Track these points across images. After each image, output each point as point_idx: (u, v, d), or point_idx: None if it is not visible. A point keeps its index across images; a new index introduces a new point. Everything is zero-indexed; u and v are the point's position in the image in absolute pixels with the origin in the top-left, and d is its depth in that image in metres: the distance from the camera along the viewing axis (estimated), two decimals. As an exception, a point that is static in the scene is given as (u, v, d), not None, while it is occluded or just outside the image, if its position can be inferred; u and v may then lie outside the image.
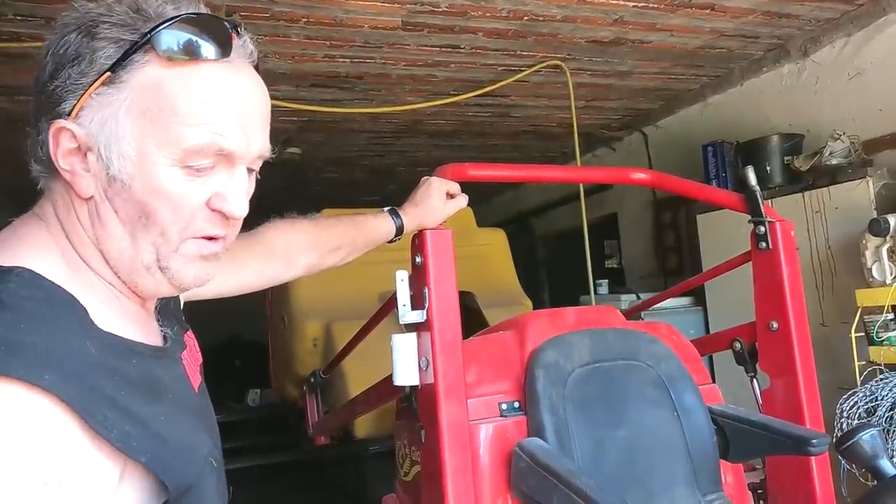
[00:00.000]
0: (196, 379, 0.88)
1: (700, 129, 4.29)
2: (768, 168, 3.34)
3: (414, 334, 1.41)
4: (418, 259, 1.38)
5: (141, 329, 0.78)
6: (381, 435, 2.25)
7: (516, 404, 1.60)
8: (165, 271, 0.76)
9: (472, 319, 2.81)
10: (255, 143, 0.78)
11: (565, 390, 1.59)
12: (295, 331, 2.70)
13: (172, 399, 0.77)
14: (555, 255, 6.63)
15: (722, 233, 3.43)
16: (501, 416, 1.58)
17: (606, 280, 4.82)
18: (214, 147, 0.74)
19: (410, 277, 1.41)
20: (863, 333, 2.58)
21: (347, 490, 4.60)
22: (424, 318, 1.36)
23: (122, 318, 0.75)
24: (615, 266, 6.15)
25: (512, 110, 4.60)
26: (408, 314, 1.37)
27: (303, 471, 5.41)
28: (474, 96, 3.87)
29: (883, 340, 2.51)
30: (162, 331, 0.85)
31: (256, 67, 0.80)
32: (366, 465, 3.33)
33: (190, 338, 0.94)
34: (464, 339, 1.87)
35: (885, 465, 0.86)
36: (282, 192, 6.23)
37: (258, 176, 0.84)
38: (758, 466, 1.94)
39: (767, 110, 3.85)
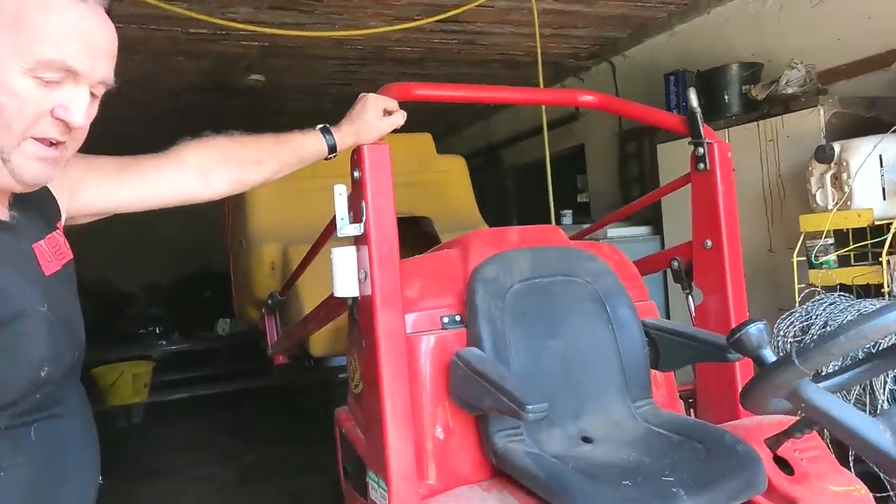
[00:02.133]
0: (52, 267, 1.00)
1: (666, 58, 4.28)
2: (726, 97, 3.37)
3: (353, 248, 1.45)
4: (356, 174, 1.41)
5: None
6: (335, 353, 2.33)
7: (457, 318, 1.66)
8: (7, 164, 0.89)
9: (430, 245, 2.86)
10: (100, 69, 0.92)
11: (504, 304, 1.65)
12: (253, 255, 2.73)
13: (5, 260, 0.91)
14: (524, 187, 6.66)
15: (680, 161, 3.47)
16: (443, 328, 1.64)
17: (570, 210, 4.89)
18: (63, 64, 0.88)
19: (349, 192, 1.44)
20: (804, 258, 2.68)
21: (316, 414, 4.75)
22: (362, 231, 1.39)
23: None
24: (587, 200, 6.20)
25: (479, 38, 4.53)
26: (346, 227, 1.40)
27: (273, 397, 5.56)
28: (438, 21, 3.80)
29: (821, 264, 2.62)
30: (10, 213, 0.97)
31: (108, 11, 0.95)
32: (334, 392, 3.44)
33: (57, 236, 1.05)
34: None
35: (767, 354, 0.93)
36: (246, 121, 6.15)
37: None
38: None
39: (732, 39, 3.85)
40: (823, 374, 1.10)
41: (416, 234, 2.58)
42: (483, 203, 4.05)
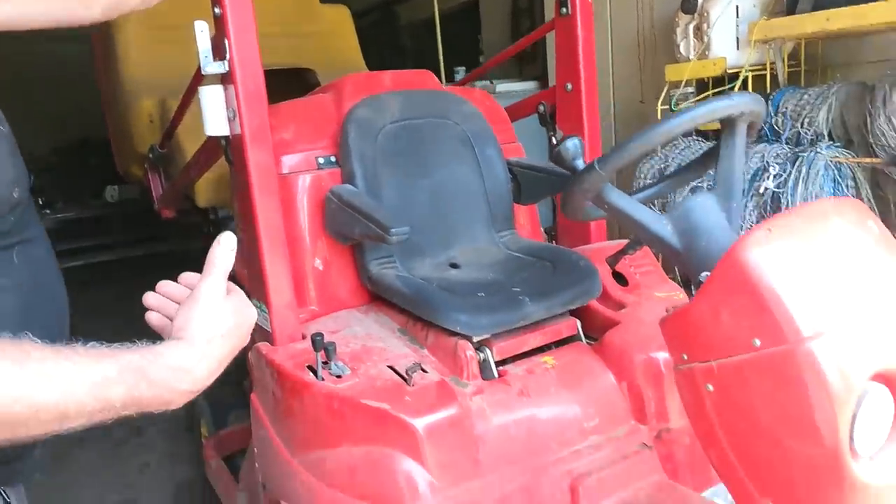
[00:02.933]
0: None
1: None
2: (608, -54, 3.40)
3: (220, 86, 1.47)
4: (217, 10, 1.41)
5: None
6: (220, 202, 2.37)
7: (332, 158, 1.75)
8: None
9: (314, 96, 2.85)
10: None
11: (376, 144, 1.75)
12: (130, 109, 2.64)
13: None
14: (420, 43, 6.53)
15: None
16: (319, 168, 1.73)
17: (464, 67, 4.91)
18: None
19: (211, 29, 1.44)
20: (667, 106, 2.88)
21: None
22: (227, 69, 1.42)
23: None
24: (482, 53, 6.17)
25: None
26: (210, 65, 1.42)
27: (175, 260, 5.54)
28: None
29: (682, 111, 2.83)
30: None
31: None
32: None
33: None
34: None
35: (580, 163, 1.09)
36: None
37: None
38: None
39: None
40: (636, 189, 1.29)
41: (300, 87, 2.57)
42: (380, 63, 3.99)
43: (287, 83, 2.57)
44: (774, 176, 2.33)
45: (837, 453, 0.82)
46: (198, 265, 0.83)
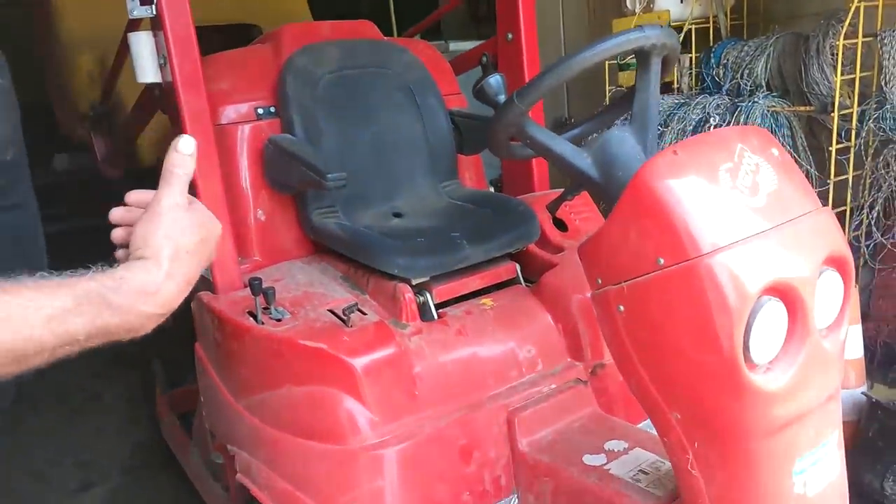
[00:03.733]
0: None
1: None
2: None
3: (150, 32, 1.45)
4: (143, -48, 1.38)
5: None
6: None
7: (272, 109, 1.74)
8: None
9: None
10: None
11: (315, 93, 1.74)
12: (67, 66, 2.57)
13: None
14: (376, 6, 6.43)
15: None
16: (258, 119, 1.72)
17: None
18: None
19: (138, -27, 1.41)
20: (615, 61, 2.91)
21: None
22: (154, 13, 1.40)
23: None
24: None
25: None
26: (136, 10, 1.40)
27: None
28: None
29: (627, 65, 2.88)
30: None
31: None
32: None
33: None
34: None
35: (502, 98, 1.12)
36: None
37: None
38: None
39: None
40: (567, 126, 1.32)
41: (245, 44, 2.53)
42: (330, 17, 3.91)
43: (232, 40, 2.53)
44: (714, 126, 2.39)
45: (735, 363, 0.87)
46: None
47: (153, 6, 1.38)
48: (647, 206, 0.89)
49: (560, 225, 1.83)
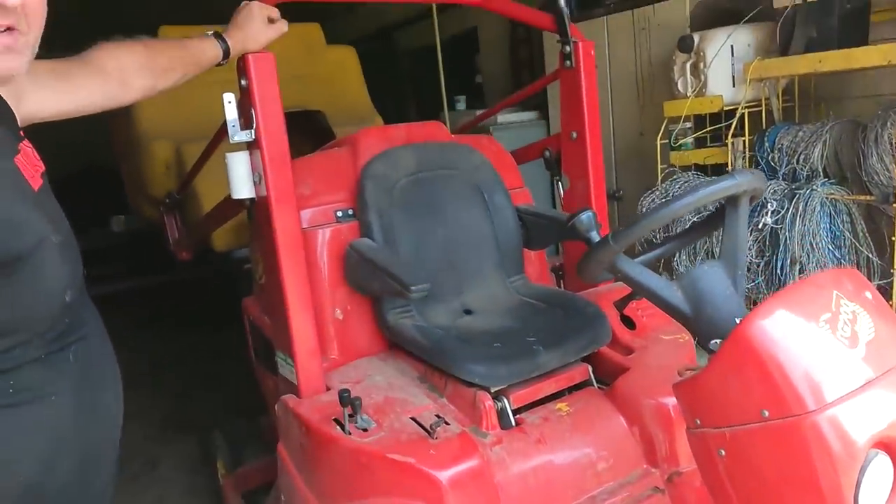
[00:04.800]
0: (36, 181, 1.01)
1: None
2: (606, -16, 3.51)
3: (246, 152, 1.55)
4: (243, 82, 1.48)
5: None
6: (237, 247, 2.44)
7: (350, 211, 1.83)
8: None
9: (323, 138, 2.93)
10: None
11: (392, 197, 1.82)
12: (145, 154, 2.71)
13: (3, 186, 0.91)
14: (420, 70, 6.64)
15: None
16: (337, 222, 1.81)
17: (464, 96, 5.01)
18: None
19: (238, 99, 1.52)
20: (667, 141, 2.97)
21: (222, 303, 4.86)
22: (253, 137, 1.49)
23: None
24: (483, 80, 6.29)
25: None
26: (237, 134, 1.49)
27: (179, 290, 5.60)
28: None
29: (680, 146, 2.93)
30: None
31: None
32: (238, 281, 3.53)
33: (27, 146, 1.04)
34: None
35: (594, 236, 1.16)
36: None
37: None
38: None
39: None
40: (645, 248, 1.36)
41: (310, 129, 2.65)
42: (378, 88, 4.08)
43: (296, 124, 2.65)
44: (772, 212, 2.41)
45: (844, 517, 0.89)
46: (204, 292, 0.86)
47: (252, 130, 1.48)
48: (750, 359, 0.93)
49: (627, 321, 1.86)
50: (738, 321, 1.03)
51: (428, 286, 1.52)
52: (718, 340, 1.04)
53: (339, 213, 1.81)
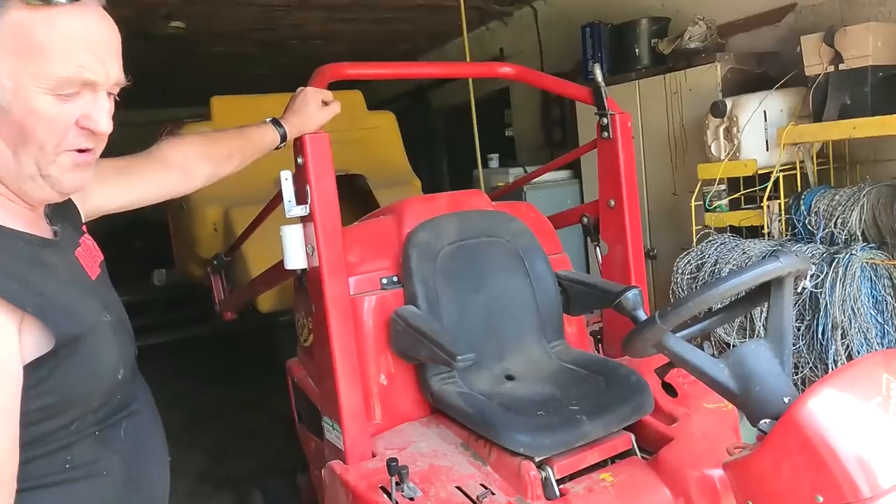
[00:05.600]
0: (94, 271, 1.09)
1: (584, 6, 4.45)
2: (637, 50, 3.60)
3: (300, 225, 1.62)
4: (300, 160, 1.57)
5: (30, 226, 0.98)
6: (282, 308, 2.51)
7: (395, 279, 1.88)
8: (47, 178, 0.95)
9: (364, 200, 3.03)
10: (112, 72, 0.96)
11: (435, 265, 1.88)
12: (195, 217, 2.83)
13: (63, 276, 0.98)
14: (453, 128, 6.80)
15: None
16: (382, 289, 1.86)
17: (497, 154, 5.11)
18: (80, 79, 0.92)
19: (294, 176, 1.60)
20: (701, 202, 3.00)
21: (260, 358, 4.93)
22: (308, 212, 1.57)
23: (12, 217, 0.95)
24: (513, 135, 6.40)
25: (403, -19, 4.57)
26: (293, 209, 1.57)
27: (217, 343, 5.69)
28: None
29: (715, 207, 2.95)
30: (52, 229, 1.03)
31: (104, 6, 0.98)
32: (276, 336, 3.60)
33: (87, 240, 1.12)
34: (355, 218, 2.11)
35: (640, 314, 1.19)
36: (169, 67, 5.99)
37: (118, 98, 1.02)
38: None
39: (644, -11, 4.04)
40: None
41: (351, 192, 2.74)
42: (412, 145, 4.17)
43: (339, 187, 2.75)
44: (812, 276, 2.41)
45: None
46: (244, 342, 0.89)
47: (307, 206, 1.55)
48: (803, 443, 0.94)
49: (668, 388, 1.86)
50: (787, 401, 1.05)
51: (473, 356, 1.56)
52: (769, 421, 1.05)
53: (385, 280, 1.87)
